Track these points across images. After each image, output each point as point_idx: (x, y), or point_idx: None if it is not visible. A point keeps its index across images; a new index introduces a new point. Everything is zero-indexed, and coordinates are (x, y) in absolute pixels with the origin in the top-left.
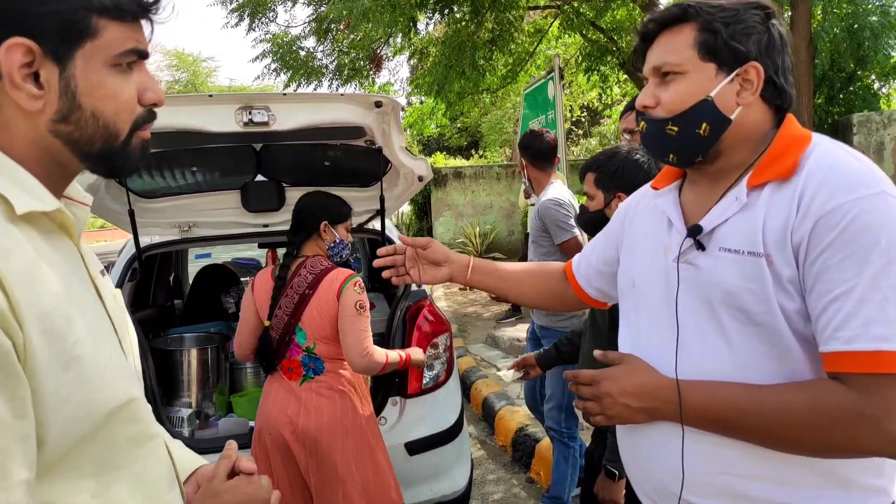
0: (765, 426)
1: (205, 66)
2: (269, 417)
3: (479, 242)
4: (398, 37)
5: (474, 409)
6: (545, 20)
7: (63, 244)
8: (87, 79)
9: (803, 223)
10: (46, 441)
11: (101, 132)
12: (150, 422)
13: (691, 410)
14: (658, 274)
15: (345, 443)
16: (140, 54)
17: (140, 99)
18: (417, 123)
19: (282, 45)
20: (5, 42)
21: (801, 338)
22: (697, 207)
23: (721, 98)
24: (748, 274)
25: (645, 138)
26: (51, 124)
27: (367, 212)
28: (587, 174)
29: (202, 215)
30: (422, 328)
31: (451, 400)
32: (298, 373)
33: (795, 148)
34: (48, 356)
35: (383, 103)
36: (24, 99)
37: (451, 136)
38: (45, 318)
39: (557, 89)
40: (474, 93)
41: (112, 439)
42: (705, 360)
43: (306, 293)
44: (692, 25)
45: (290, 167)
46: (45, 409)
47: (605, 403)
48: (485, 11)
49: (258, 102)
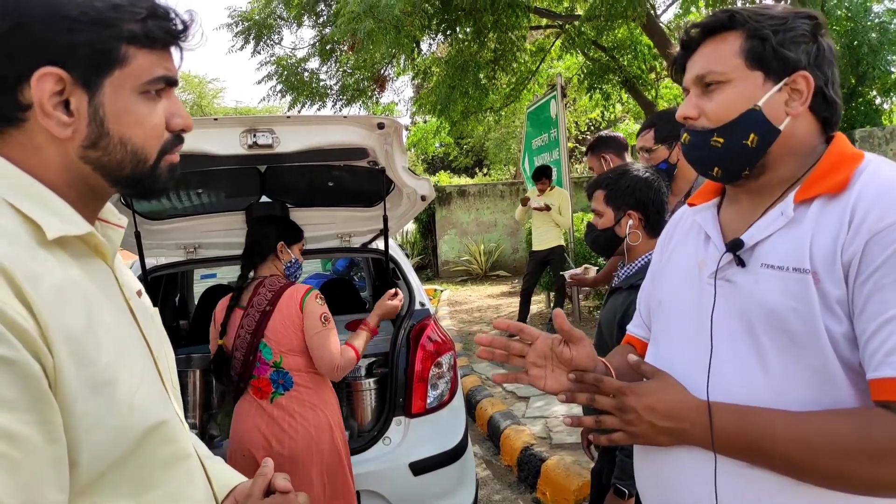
0: (806, 457)
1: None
2: (241, 437)
3: (484, 260)
4: (402, 57)
5: (480, 428)
6: (547, 39)
7: (96, 266)
8: (115, 106)
9: (855, 240)
10: (80, 463)
11: (129, 157)
12: (184, 442)
13: (725, 435)
14: (691, 291)
15: (321, 458)
16: (168, 81)
17: (168, 125)
18: (422, 142)
19: (286, 67)
20: (37, 71)
21: (846, 364)
22: (738, 224)
23: (769, 107)
24: (793, 292)
25: (688, 151)
26: (81, 150)
27: (370, 231)
28: (596, 191)
29: (207, 236)
30: (426, 347)
31: (456, 419)
32: (268, 391)
33: (848, 164)
34: (78, 380)
35: (386, 125)
36: (54, 126)
37: (455, 155)
38: (75, 343)
39: (560, 107)
40: (478, 111)
41: (146, 460)
42: (738, 383)
43: (266, 310)
44: (738, 33)
45: (293, 188)
46: (77, 432)
47: (629, 419)
48: (487, 32)
49: (262, 125)
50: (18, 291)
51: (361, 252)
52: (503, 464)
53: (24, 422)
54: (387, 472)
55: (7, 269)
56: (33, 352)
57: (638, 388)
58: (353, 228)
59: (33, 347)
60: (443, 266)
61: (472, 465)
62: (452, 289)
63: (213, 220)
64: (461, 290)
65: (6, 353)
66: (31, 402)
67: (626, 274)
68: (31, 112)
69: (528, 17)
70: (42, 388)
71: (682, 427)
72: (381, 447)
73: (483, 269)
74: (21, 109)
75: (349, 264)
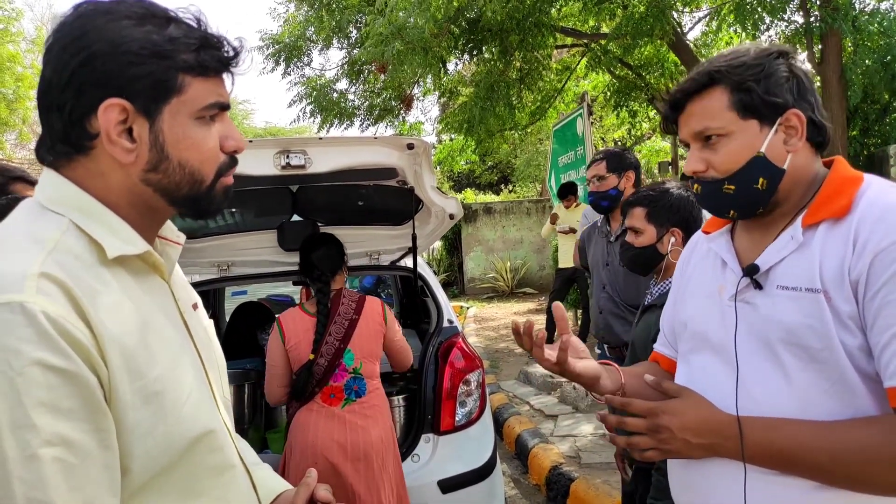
0: (834, 464)
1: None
2: (314, 446)
3: (510, 278)
4: (428, 77)
5: (507, 446)
6: (573, 58)
7: (153, 282)
8: (173, 132)
9: (860, 260)
10: (131, 469)
11: (187, 179)
12: (231, 451)
13: (755, 447)
14: (714, 314)
15: (387, 459)
16: (221, 106)
17: (222, 147)
18: (447, 160)
19: (316, 88)
20: (103, 103)
21: (864, 375)
22: (751, 249)
23: (771, 150)
24: (807, 310)
25: (702, 199)
26: (142, 174)
27: (399, 249)
28: (635, 209)
29: (240, 254)
30: (454, 365)
31: (485, 437)
32: (340, 397)
33: (849, 188)
34: (131, 391)
35: (415, 145)
36: (119, 153)
37: (480, 172)
38: (129, 356)
39: (586, 125)
40: (504, 130)
41: (194, 468)
42: (766, 399)
43: (354, 318)
44: (722, 88)
45: (325, 207)
46: (129, 440)
47: (663, 438)
48: (513, 51)
49: (295, 146)
50: (78, 307)
51: (390, 269)
52: (531, 483)
53: (81, 430)
54: (415, 490)
55: (67, 285)
56: (90, 364)
57: (669, 407)
58: (382, 246)
59: (90, 360)
60: (469, 283)
61: (500, 484)
62: (479, 306)
63: (245, 239)
64: (487, 308)
65: (65, 364)
66: (87, 412)
67: (659, 291)
68: (98, 140)
69: (553, 36)
70: (97, 399)
71: (716, 442)
72: (409, 464)
73: (509, 286)
74: (89, 138)
75: (376, 281)
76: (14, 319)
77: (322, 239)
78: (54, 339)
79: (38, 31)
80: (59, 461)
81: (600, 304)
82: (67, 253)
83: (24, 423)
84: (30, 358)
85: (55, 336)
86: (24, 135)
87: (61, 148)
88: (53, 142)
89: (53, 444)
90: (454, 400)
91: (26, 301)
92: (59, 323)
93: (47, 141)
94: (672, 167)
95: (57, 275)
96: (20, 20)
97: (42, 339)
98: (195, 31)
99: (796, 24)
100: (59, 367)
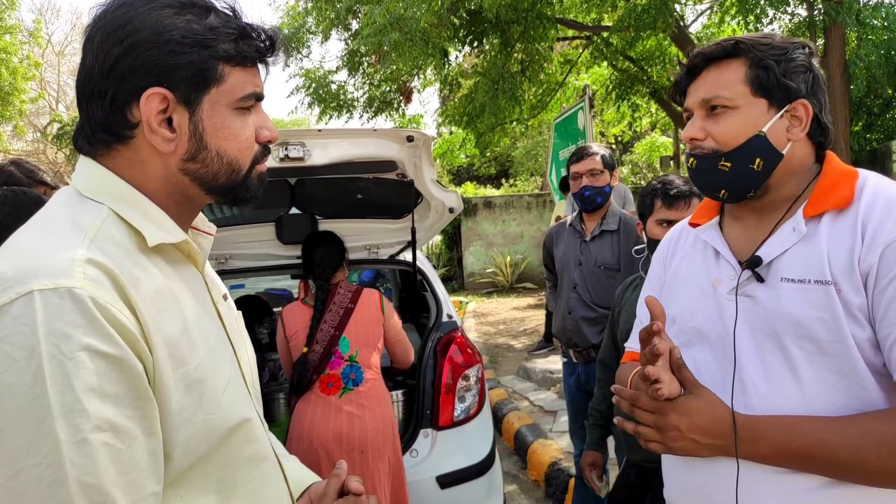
0: (854, 458)
1: None
2: (311, 436)
3: (510, 272)
4: (429, 69)
5: (506, 442)
6: (575, 50)
7: (189, 272)
8: (212, 121)
9: (871, 251)
10: (172, 457)
11: (225, 168)
12: (265, 442)
13: (770, 447)
14: (709, 309)
15: (383, 450)
16: (258, 97)
17: (257, 137)
18: (447, 154)
19: (315, 80)
20: (145, 92)
21: (873, 368)
22: (745, 241)
23: (773, 133)
24: (817, 302)
25: (696, 174)
26: (181, 163)
27: (398, 243)
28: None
29: (238, 248)
30: (453, 360)
31: (483, 432)
32: (338, 386)
33: (847, 180)
34: (174, 378)
35: (415, 138)
36: (159, 142)
37: (480, 165)
38: (172, 344)
39: (588, 119)
40: (505, 123)
41: (231, 458)
42: (772, 394)
43: (349, 307)
44: (742, 61)
45: (323, 200)
46: (171, 427)
47: (670, 436)
48: (514, 43)
49: (294, 138)
50: (123, 294)
51: (389, 264)
52: (530, 478)
53: (127, 416)
54: (414, 485)
55: (114, 273)
56: (136, 351)
57: (680, 406)
58: (381, 240)
59: (136, 347)
60: (468, 277)
61: (499, 479)
62: (478, 300)
63: (242, 232)
64: (487, 302)
65: (113, 350)
66: (133, 398)
67: None
68: (139, 129)
69: (555, 28)
70: (143, 385)
71: (726, 444)
72: (408, 459)
73: (509, 280)
74: (129, 127)
75: (375, 275)
76: (63, 305)
77: (323, 237)
78: (102, 326)
79: (36, 23)
80: (108, 446)
81: (570, 304)
82: (109, 240)
83: (75, 408)
84: (79, 343)
85: (103, 322)
86: (20, 128)
87: (101, 136)
88: (93, 130)
89: (103, 430)
90: (453, 395)
91: (74, 287)
92: (107, 309)
93: (87, 129)
94: (674, 161)
95: (103, 261)
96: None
97: (91, 325)
98: (233, 21)
99: (799, 16)
100: (108, 353)
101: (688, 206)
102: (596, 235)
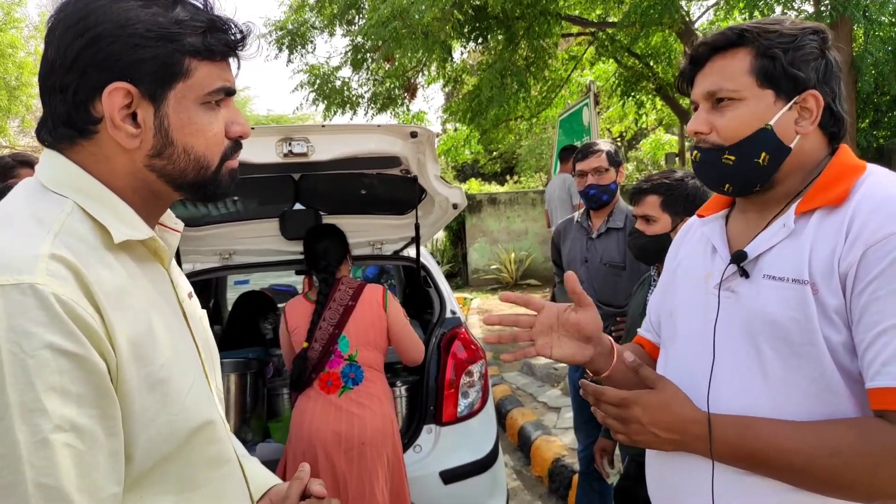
0: (806, 467)
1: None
2: (310, 435)
3: (514, 269)
4: (433, 65)
5: (510, 438)
6: (580, 47)
7: (154, 269)
8: (178, 116)
9: (852, 251)
10: (134, 458)
11: (192, 165)
12: (227, 444)
13: (726, 446)
14: (697, 301)
15: (383, 449)
16: (227, 92)
17: (227, 132)
18: (452, 151)
19: (319, 76)
20: (107, 87)
21: (846, 373)
22: (743, 235)
23: (780, 126)
24: (791, 302)
25: (699, 167)
26: (147, 159)
27: (402, 239)
28: (648, 196)
29: (242, 243)
30: (457, 356)
31: (487, 428)
32: (337, 385)
33: (848, 176)
34: (137, 378)
35: (419, 133)
36: (123, 138)
37: (485, 162)
38: (136, 343)
39: (592, 115)
40: (510, 119)
41: (192, 459)
42: (739, 392)
43: (349, 304)
44: (748, 50)
45: (327, 196)
46: (133, 427)
47: (632, 429)
48: (519, 39)
49: (298, 134)
50: (87, 291)
51: (393, 259)
52: (534, 475)
53: (90, 416)
54: (417, 481)
55: (79, 269)
56: (99, 349)
57: (641, 399)
58: (385, 236)
59: (99, 345)
60: (472, 274)
61: (502, 475)
62: (482, 297)
63: (247, 227)
64: (491, 299)
65: (76, 349)
66: (95, 398)
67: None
68: (102, 124)
69: (560, 24)
70: (106, 385)
71: (685, 439)
72: (411, 455)
73: (513, 277)
74: (92, 122)
75: (379, 271)
76: (25, 301)
77: (325, 230)
78: (65, 323)
79: (41, 17)
80: (69, 447)
81: None
82: (73, 235)
83: (35, 407)
84: (42, 340)
85: (66, 319)
86: (27, 122)
87: (64, 131)
88: (55, 125)
89: (64, 430)
90: (456, 391)
91: (37, 283)
92: (70, 306)
93: (49, 123)
94: (679, 158)
95: (67, 257)
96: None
97: (53, 323)
98: (202, 14)
99: (806, 12)
100: (70, 352)
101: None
102: (602, 233)
